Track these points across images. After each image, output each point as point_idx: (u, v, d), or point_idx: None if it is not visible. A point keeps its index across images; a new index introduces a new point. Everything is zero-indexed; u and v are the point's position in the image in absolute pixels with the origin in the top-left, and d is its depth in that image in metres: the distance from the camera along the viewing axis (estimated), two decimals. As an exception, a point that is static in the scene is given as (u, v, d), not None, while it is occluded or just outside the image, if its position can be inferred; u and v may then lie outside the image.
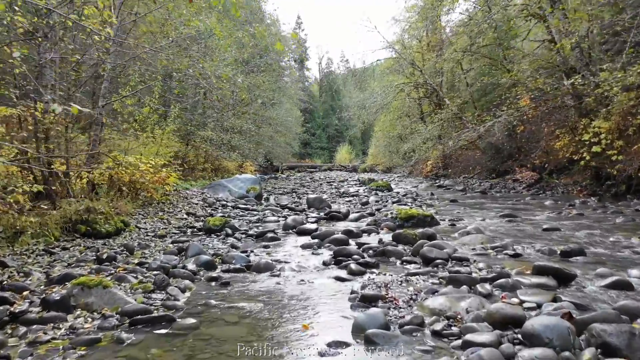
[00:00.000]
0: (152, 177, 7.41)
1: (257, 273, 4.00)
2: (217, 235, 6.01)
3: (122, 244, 4.97)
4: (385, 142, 26.84)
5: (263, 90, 20.52)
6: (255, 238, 5.76)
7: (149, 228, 6.29)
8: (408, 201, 9.97)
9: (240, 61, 17.63)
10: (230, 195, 11.65)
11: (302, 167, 41.05)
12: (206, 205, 8.66)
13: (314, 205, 9.18)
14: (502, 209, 8.17)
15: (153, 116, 8.99)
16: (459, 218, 6.87)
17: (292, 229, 6.23)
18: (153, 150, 8.69)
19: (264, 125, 25.33)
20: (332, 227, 6.51)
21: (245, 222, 7.22)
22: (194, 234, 6.19)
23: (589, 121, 10.28)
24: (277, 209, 8.66)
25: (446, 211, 8.12)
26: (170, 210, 7.51)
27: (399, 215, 6.24)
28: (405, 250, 4.43)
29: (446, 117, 15.42)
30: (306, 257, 4.54)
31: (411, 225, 6.19)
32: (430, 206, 9.15)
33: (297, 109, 48.59)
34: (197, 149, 17.31)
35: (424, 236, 4.84)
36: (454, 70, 21.39)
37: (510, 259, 4.06)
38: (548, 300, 2.71)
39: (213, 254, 4.59)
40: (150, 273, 3.77)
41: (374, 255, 4.44)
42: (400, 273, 3.70)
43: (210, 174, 17.56)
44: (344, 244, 5.01)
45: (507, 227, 5.89)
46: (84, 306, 2.96)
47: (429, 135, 15.43)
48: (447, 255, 3.94)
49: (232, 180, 12.22)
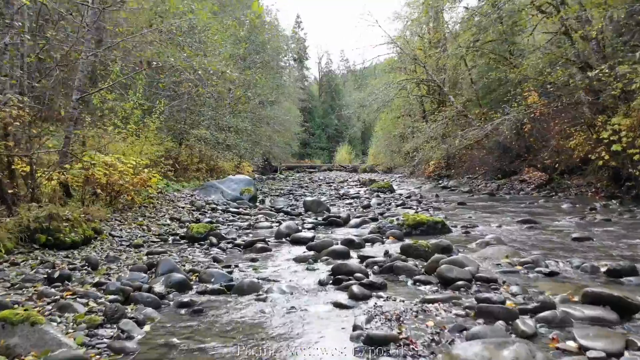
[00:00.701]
0: (133, 178, 6.70)
1: (239, 296, 3.30)
2: (201, 244, 5.31)
3: (85, 257, 4.26)
4: (386, 141, 26.16)
5: (260, 88, 19.81)
6: (242, 248, 5.05)
7: (125, 236, 5.58)
8: (413, 204, 9.27)
9: (237, 57, 16.94)
10: (222, 198, 10.95)
11: (301, 167, 40.39)
12: (194, 209, 7.95)
13: (311, 209, 8.48)
14: (517, 213, 7.47)
15: (136, 112, 8.27)
16: (472, 224, 6.16)
17: (286, 237, 5.52)
18: (137, 149, 7.98)
19: (262, 125, 24.65)
20: (331, 235, 5.81)
21: (235, 228, 6.52)
22: (175, 243, 5.49)
23: (606, 118, 9.59)
24: (271, 213, 7.96)
25: (456, 216, 7.42)
26: (152, 215, 6.81)
27: (406, 221, 5.54)
28: (417, 267, 3.73)
29: (451, 115, 14.71)
30: (300, 274, 3.84)
31: (420, 233, 5.49)
32: (438, 210, 8.45)
33: (296, 108, 47.97)
34: (192, 149, 16.62)
35: (438, 248, 4.13)
36: (457, 67, 20.72)
37: (546, 278, 3.36)
38: (620, 347, 2.01)
39: (189, 270, 3.88)
40: (105, 298, 3.06)
41: (380, 271, 3.74)
42: (414, 298, 3.00)
43: (205, 175, 16.85)
44: (344, 257, 4.31)
45: (530, 236, 5.18)
46: (4, 350, 2.26)
47: (433, 133, 14.72)
48: (470, 275, 3.24)
49: (225, 182, 11.51)
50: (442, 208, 8.66)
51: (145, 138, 8.14)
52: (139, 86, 8.22)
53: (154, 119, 8.44)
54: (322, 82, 74.07)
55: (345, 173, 34.77)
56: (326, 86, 71.71)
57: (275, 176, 28.05)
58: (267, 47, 22.16)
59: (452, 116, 14.63)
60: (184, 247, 5.17)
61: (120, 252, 4.82)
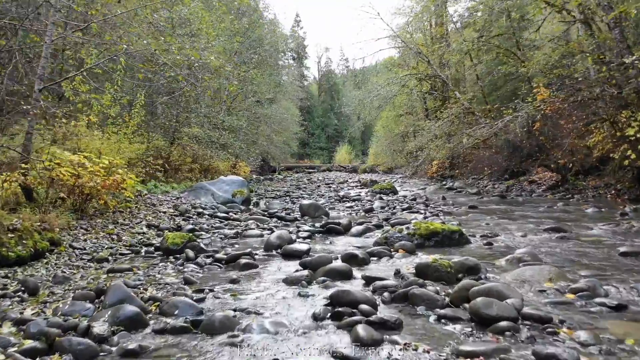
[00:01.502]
0: (105, 180, 5.89)
1: (207, 336, 2.49)
2: (176, 257, 4.50)
3: (23, 279, 3.44)
4: (387, 141, 25.35)
5: (257, 85, 18.99)
6: (224, 264, 4.23)
7: (89, 248, 4.76)
8: (420, 208, 8.46)
9: (231, 52, 16.13)
10: (213, 200, 10.14)
11: (300, 167, 39.65)
12: (177, 213, 7.13)
13: (308, 214, 7.67)
14: (539, 219, 6.66)
15: (115, 107, 7.46)
16: (492, 233, 5.35)
17: (277, 250, 4.71)
18: (114, 148, 7.16)
19: (260, 124, 23.86)
20: (329, 247, 4.99)
21: (220, 237, 5.70)
22: (147, 256, 4.68)
23: (630, 113, 8.80)
24: (263, 218, 7.14)
25: (470, 222, 6.60)
26: (126, 222, 5.98)
27: (418, 230, 4.72)
28: (440, 295, 2.91)
29: (457, 112, 13.90)
30: (289, 302, 3.02)
31: (434, 244, 4.67)
32: (448, 214, 7.64)
33: (295, 108, 47.26)
34: (184, 148, 15.82)
35: (463, 268, 3.32)
36: (461, 63, 19.93)
37: (614, 314, 2.55)
38: None
39: (149, 298, 3.06)
40: (20, 346, 2.25)
41: (392, 300, 2.93)
42: (443, 346, 2.19)
43: (198, 176, 16.05)
44: (346, 277, 3.50)
45: (565, 249, 4.37)
46: None
47: (438, 132, 13.90)
48: (515, 312, 2.42)
49: (216, 183, 10.70)
50: (453, 213, 7.85)
51: (123, 135, 7.32)
52: (117, 78, 7.40)
53: (134, 114, 7.61)
54: (321, 81, 73.36)
55: (345, 173, 33.97)
56: (325, 85, 71.06)
57: (273, 177, 27.26)
58: (264, 43, 21.34)
59: (458, 113, 13.81)
60: (156, 262, 4.36)
61: (75, 270, 4.00)
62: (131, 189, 6.24)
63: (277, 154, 32.73)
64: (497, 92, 19.06)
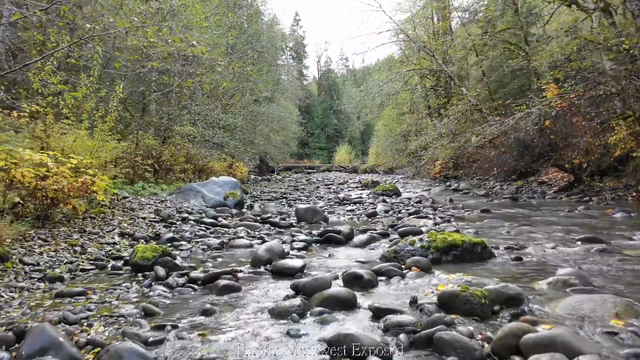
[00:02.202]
0: (72, 182, 5.14)
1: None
2: (145, 275, 3.76)
3: None
4: (388, 140, 24.62)
5: (253, 82, 18.24)
6: (200, 285, 3.49)
7: (44, 262, 4.02)
8: (428, 212, 7.71)
9: (226, 46, 15.39)
10: (204, 203, 9.42)
11: (300, 167, 38.98)
12: (158, 219, 6.38)
13: (305, 219, 6.93)
14: (565, 225, 5.92)
15: (90, 101, 6.71)
16: (518, 244, 4.60)
17: (266, 266, 3.97)
18: (87, 146, 6.41)
19: (257, 123, 23.13)
20: (328, 261, 4.25)
21: (202, 248, 4.96)
22: (113, 273, 3.94)
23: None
24: (255, 225, 6.40)
25: (487, 229, 5.86)
26: (95, 230, 5.24)
27: (434, 242, 3.98)
28: (476, 340, 2.17)
29: (463, 109, 13.15)
30: (274, 349, 2.28)
31: (452, 258, 3.93)
32: (460, 219, 6.90)
33: (295, 107, 46.64)
34: (178, 147, 15.08)
35: (500, 298, 2.58)
36: (465, 60, 19.21)
37: None
38: None
39: (87, 342, 2.31)
40: None
41: (411, 345, 2.19)
42: None
43: (192, 176, 15.32)
44: (348, 306, 2.76)
45: (615, 267, 3.62)
46: None
47: (444, 130, 13.16)
48: (596, 377, 1.68)
49: (206, 184, 9.96)
50: (466, 218, 7.11)
51: (100, 132, 6.56)
52: (93, 69, 6.64)
53: (111, 108, 6.85)
54: (321, 81, 72.70)
55: (345, 174, 33.27)
56: (325, 85, 70.46)
57: (272, 177, 26.53)
58: (261, 38, 20.58)
59: (465, 110, 13.07)
60: (120, 282, 3.62)
61: (17, 292, 3.27)
62: (104, 192, 5.48)
63: (276, 154, 32.05)
64: (504, 89, 18.35)
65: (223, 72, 13.55)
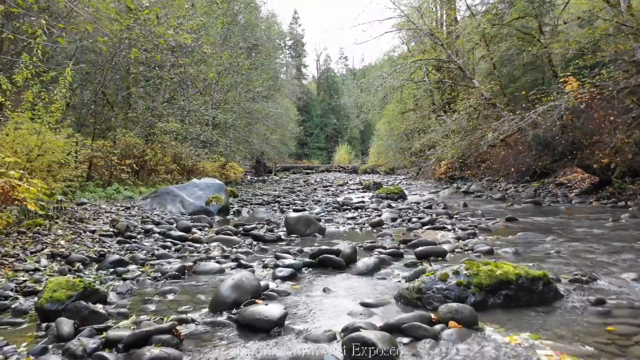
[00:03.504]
0: (-13, 187, 3.89)
1: None
2: (49, 327, 2.52)
3: None
4: (391, 139, 23.38)
5: (247, 76, 16.96)
6: (123, 351, 2.24)
7: None
8: (445, 221, 6.46)
9: (215, 35, 14.11)
10: (182, 209, 8.19)
11: (298, 168, 37.80)
12: (113, 232, 5.12)
13: (296, 231, 5.68)
14: (623, 241, 4.67)
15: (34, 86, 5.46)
16: (586, 275, 3.33)
17: (231, 311, 2.72)
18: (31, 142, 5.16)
19: (252, 121, 21.89)
20: (322, 301, 2.99)
21: (155, 276, 3.70)
22: (8, 322, 2.70)
23: None
24: (233, 239, 5.15)
25: (524, 246, 4.61)
26: (16, 251, 3.98)
27: (475, 278, 2.73)
28: None
29: (475, 103, 11.90)
30: None
31: (503, 301, 2.68)
32: (485, 231, 5.66)
33: (294, 106, 45.50)
34: (165, 146, 13.86)
35: None
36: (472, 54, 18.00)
37: None
38: None
39: None
40: None
41: None
42: None
43: (179, 177, 14.08)
44: None
45: None
46: None
47: (454, 126, 11.91)
48: None
49: (186, 187, 8.71)
50: (492, 229, 5.86)
51: (42, 124, 5.29)
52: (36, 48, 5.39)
53: (56, 95, 5.58)
54: (320, 80, 71.55)
55: (344, 174, 32.06)
56: (325, 84, 69.39)
57: (268, 178, 25.30)
58: (256, 30, 19.31)
59: (477, 105, 11.82)
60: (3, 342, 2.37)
61: None
62: (31, 199, 4.23)
63: (273, 153, 30.87)
64: (515, 84, 17.10)
65: (211, 62, 12.29)
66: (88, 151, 10.50)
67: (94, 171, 11.10)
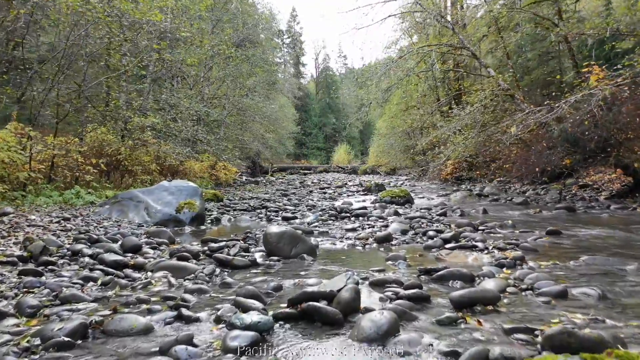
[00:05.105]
0: None
1: None
2: None
3: None
4: (392, 138, 21.99)
5: (236, 67, 15.53)
6: None
7: None
8: (472, 236, 5.02)
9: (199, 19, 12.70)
10: (147, 217, 6.79)
11: (295, 168, 36.41)
12: (20, 256, 3.69)
13: (278, 251, 4.26)
14: None
15: None
16: None
17: None
18: None
19: (246, 118, 20.50)
20: None
21: (19, 350, 2.26)
22: None
23: None
24: (188, 266, 3.72)
25: (600, 279, 3.20)
26: None
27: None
28: None
29: (491, 95, 10.49)
30: None
31: None
32: (530, 251, 4.24)
33: (291, 105, 44.18)
34: (145, 144, 12.45)
35: None
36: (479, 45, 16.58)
37: None
38: None
39: None
40: None
41: None
42: None
43: (159, 179, 12.65)
44: None
45: None
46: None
47: (469, 120, 10.50)
48: None
49: (153, 191, 7.29)
50: (538, 248, 4.44)
51: None
52: None
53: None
54: (319, 79, 70.26)
55: (343, 175, 30.70)
56: (323, 83, 68.14)
57: (262, 179, 23.87)
58: (249, 19, 17.89)
59: (494, 96, 10.41)
60: None
61: None
62: None
63: (269, 153, 29.49)
64: (529, 76, 15.72)
65: (193, 50, 10.86)
66: (49, 150, 9.12)
67: (57, 172, 9.68)
